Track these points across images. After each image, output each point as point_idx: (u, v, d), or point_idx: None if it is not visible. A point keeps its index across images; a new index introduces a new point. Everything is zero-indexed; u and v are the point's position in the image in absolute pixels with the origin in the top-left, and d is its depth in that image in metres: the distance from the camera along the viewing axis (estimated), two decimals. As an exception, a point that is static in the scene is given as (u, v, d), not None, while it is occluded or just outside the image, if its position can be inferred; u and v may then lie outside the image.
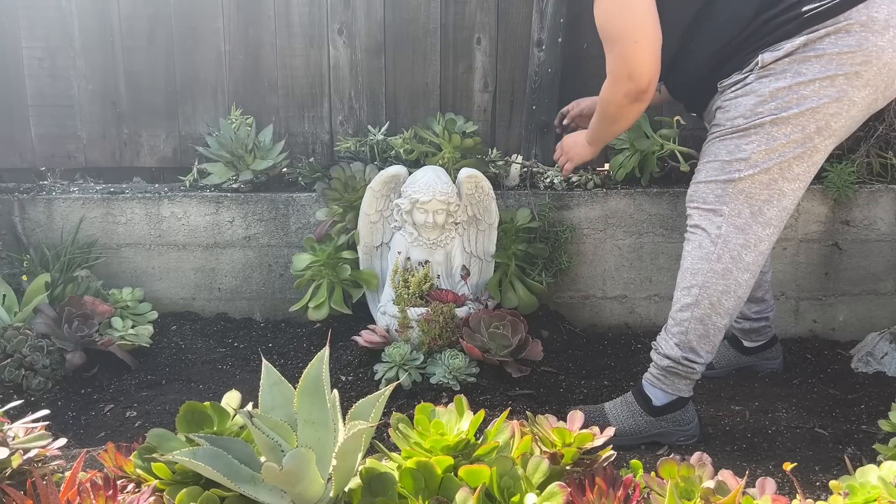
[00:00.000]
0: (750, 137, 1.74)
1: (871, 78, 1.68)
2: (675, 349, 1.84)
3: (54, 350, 2.14)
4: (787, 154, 1.72)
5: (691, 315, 1.82)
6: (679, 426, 1.89)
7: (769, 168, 1.73)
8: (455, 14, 2.58)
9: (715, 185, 1.79)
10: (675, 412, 1.88)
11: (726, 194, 1.77)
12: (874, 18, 1.65)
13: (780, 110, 1.70)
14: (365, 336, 2.20)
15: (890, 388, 2.14)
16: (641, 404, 1.90)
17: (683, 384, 1.87)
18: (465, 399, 1.49)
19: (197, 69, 2.63)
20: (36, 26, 2.59)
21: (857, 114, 1.74)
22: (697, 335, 1.82)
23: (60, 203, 2.53)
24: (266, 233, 2.55)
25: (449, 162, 2.43)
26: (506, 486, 1.31)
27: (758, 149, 1.73)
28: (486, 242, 2.40)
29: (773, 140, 1.72)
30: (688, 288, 1.83)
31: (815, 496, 1.60)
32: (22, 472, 1.43)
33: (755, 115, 1.72)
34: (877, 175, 2.49)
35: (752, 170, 1.74)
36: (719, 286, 1.79)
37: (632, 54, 1.79)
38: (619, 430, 1.81)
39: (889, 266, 2.52)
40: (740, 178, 1.75)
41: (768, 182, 1.74)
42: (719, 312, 1.80)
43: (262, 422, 1.33)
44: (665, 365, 1.86)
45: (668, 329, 1.88)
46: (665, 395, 1.88)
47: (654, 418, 1.88)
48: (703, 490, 1.27)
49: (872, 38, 1.65)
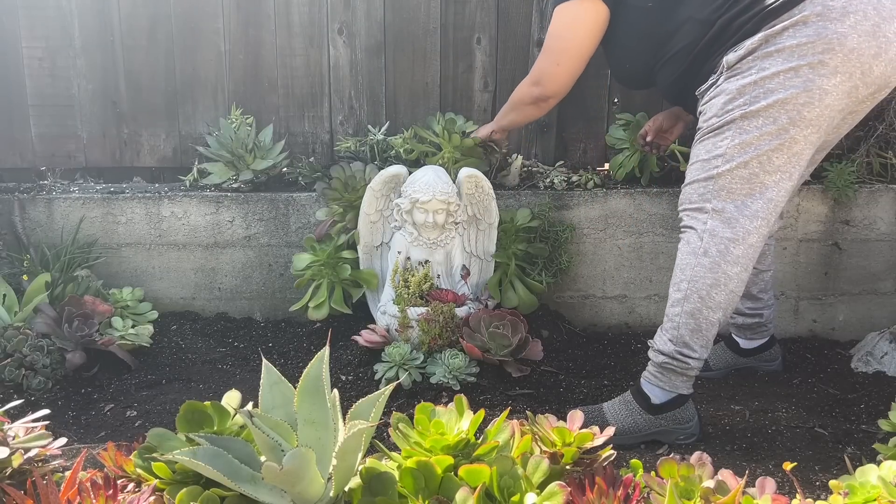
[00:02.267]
0: (724, 134, 1.78)
1: (839, 65, 1.69)
2: (669, 344, 1.85)
3: (54, 350, 2.14)
4: (762, 146, 1.75)
5: (682, 310, 1.83)
6: (679, 424, 1.89)
7: (747, 161, 1.76)
8: (455, 14, 2.58)
9: (697, 184, 1.83)
10: (675, 410, 1.88)
11: (708, 191, 1.81)
12: (829, 7, 1.68)
13: (749, 104, 1.74)
14: (365, 336, 2.20)
15: (890, 387, 2.14)
16: (640, 403, 1.89)
17: (680, 381, 1.87)
18: (465, 399, 1.49)
19: (197, 69, 2.63)
20: (36, 26, 2.59)
21: (835, 102, 1.73)
22: (689, 329, 1.83)
23: (60, 203, 2.53)
24: (266, 232, 2.55)
25: (449, 162, 2.43)
26: (506, 486, 1.31)
27: (732, 143, 1.76)
28: (486, 242, 2.40)
29: (746, 133, 1.75)
30: (677, 284, 1.85)
31: (814, 496, 1.60)
32: (22, 472, 1.43)
33: (726, 113, 1.77)
34: (877, 175, 2.49)
35: (730, 164, 1.77)
36: (707, 279, 1.80)
37: (550, 71, 2.11)
38: (618, 430, 1.81)
39: (889, 266, 2.52)
40: (719, 174, 1.78)
41: (748, 176, 1.77)
42: (710, 306, 1.81)
43: (263, 421, 1.33)
44: (660, 361, 1.86)
45: (663, 326, 1.89)
46: (663, 392, 1.88)
47: (653, 416, 1.88)
48: (702, 490, 1.27)
49: (831, 26, 1.67)
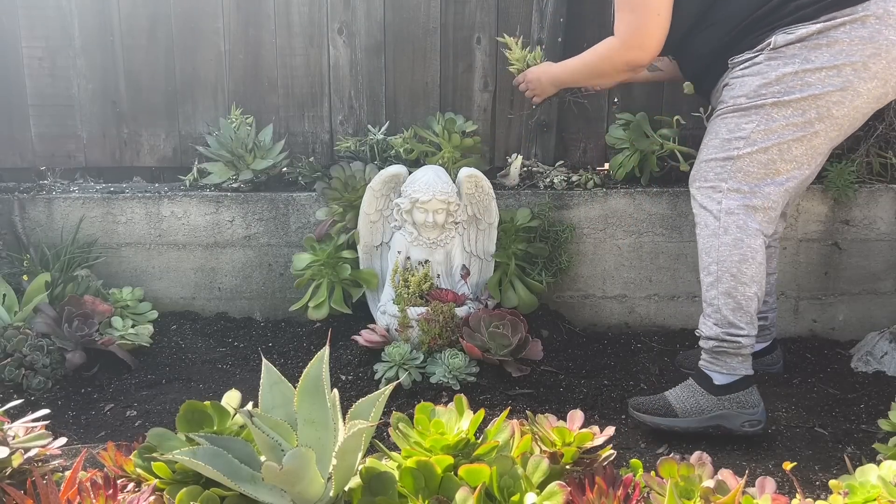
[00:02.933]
0: (750, 117, 1.77)
1: (880, 71, 1.71)
2: (715, 328, 1.85)
3: (54, 349, 2.14)
4: (786, 136, 1.75)
5: (717, 291, 1.84)
6: (743, 408, 1.84)
7: (768, 147, 1.77)
8: (455, 13, 2.58)
9: (714, 162, 1.83)
10: (739, 392, 1.84)
11: (725, 171, 1.81)
12: (890, 12, 1.68)
13: (783, 94, 1.73)
14: (365, 335, 2.20)
15: (890, 387, 2.14)
16: (702, 384, 1.87)
17: (737, 361, 1.85)
18: (464, 398, 1.49)
19: (197, 69, 2.63)
20: (36, 26, 2.59)
21: (863, 105, 1.75)
22: (730, 308, 1.83)
23: (60, 202, 2.53)
24: (266, 232, 2.55)
25: (449, 161, 2.43)
26: (506, 486, 1.31)
27: (757, 128, 1.77)
28: (486, 242, 2.40)
29: (773, 121, 1.75)
30: (706, 267, 1.86)
31: (814, 495, 1.60)
32: (22, 472, 1.44)
33: (758, 96, 1.76)
34: (877, 175, 2.49)
35: (751, 148, 1.77)
36: (735, 256, 1.81)
37: (650, 27, 1.85)
38: (682, 410, 1.85)
39: (889, 266, 2.52)
40: (739, 156, 1.79)
41: (766, 161, 1.78)
42: (744, 282, 1.82)
43: (263, 421, 1.33)
44: (711, 346, 1.86)
45: (704, 312, 1.89)
46: (723, 376, 1.86)
47: (716, 398, 1.85)
48: (702, 489, 1.27)
49: (885, 32, 1.68)
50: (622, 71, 2.00)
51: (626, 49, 1.92)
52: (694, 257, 2.48)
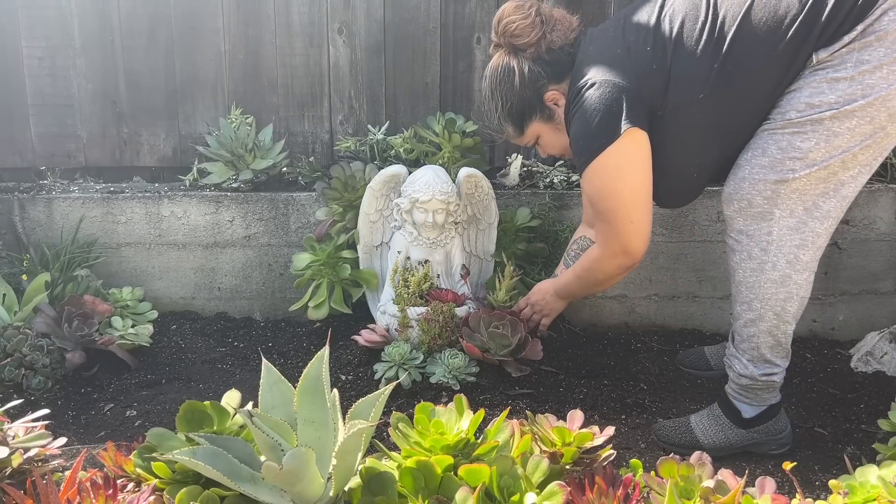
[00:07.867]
0: (806, 134, 1.55)
1: None
2: (750, 366, 1.73)
3: (54, 349, 2.14)
4: (853, 147, 1.54)
5: (758, 329, 1.70)
6: (772, 436, 1.78)
7: (829, 164, 1.56)
8: (455, 13, 2.58)
9: (763, 184, 1.61)
10: (768, 422, 1.77)
11: (777, 196, 1.59)
12: None
13: (842, 104, 1.52)
14: (365, 335, 2.20)
15: (890, 387, 2.14)
16: (731, 417, 1.78)
17: (768, 394, 1.77)
18: (464, 398, 1.49)
19: (197, 68, 2.63)
20: (36, 26, 2.59)
21: None
22: (769, 347, 1.71)
23: (60, 202, 2.53)
24: (266, 232, 2.55)
25: (449, 161, 2.43)
26: (505, 486, 1.31)
27: (815, 146, 1.55)
28: (486, 242, 2.40)
29: (835, 136, 1.53)
30: (747, 303, 1.70)
31: (814, 496, 1.60)
32: (22, 472, 1.44)
33: (811, 109, 1.54)
34: (877, 175, 2.49)
35: (809, 169, 1.56)
36: (780, 294, 1.66)
37: (626, 234, 1.76)
38: (710, 446, 1.76)
39: (889, 266, 2.52)
40: (795, 178, 1.57)
41: (826, 176, 1.57)
42: (786, 320, 1.68)
43: (262, 421, 1.33)
44: (744, 384, 1.76)
45: (738, 345, 1.76)
46: (752, 408, 1.77)
47: (745, 431, 1.77)
48: (702, 489, 1.27)
49: None
50: (617, 275, 1.89)
51: (610, 257, 1.84)
52: (694, 257, 2.50)
